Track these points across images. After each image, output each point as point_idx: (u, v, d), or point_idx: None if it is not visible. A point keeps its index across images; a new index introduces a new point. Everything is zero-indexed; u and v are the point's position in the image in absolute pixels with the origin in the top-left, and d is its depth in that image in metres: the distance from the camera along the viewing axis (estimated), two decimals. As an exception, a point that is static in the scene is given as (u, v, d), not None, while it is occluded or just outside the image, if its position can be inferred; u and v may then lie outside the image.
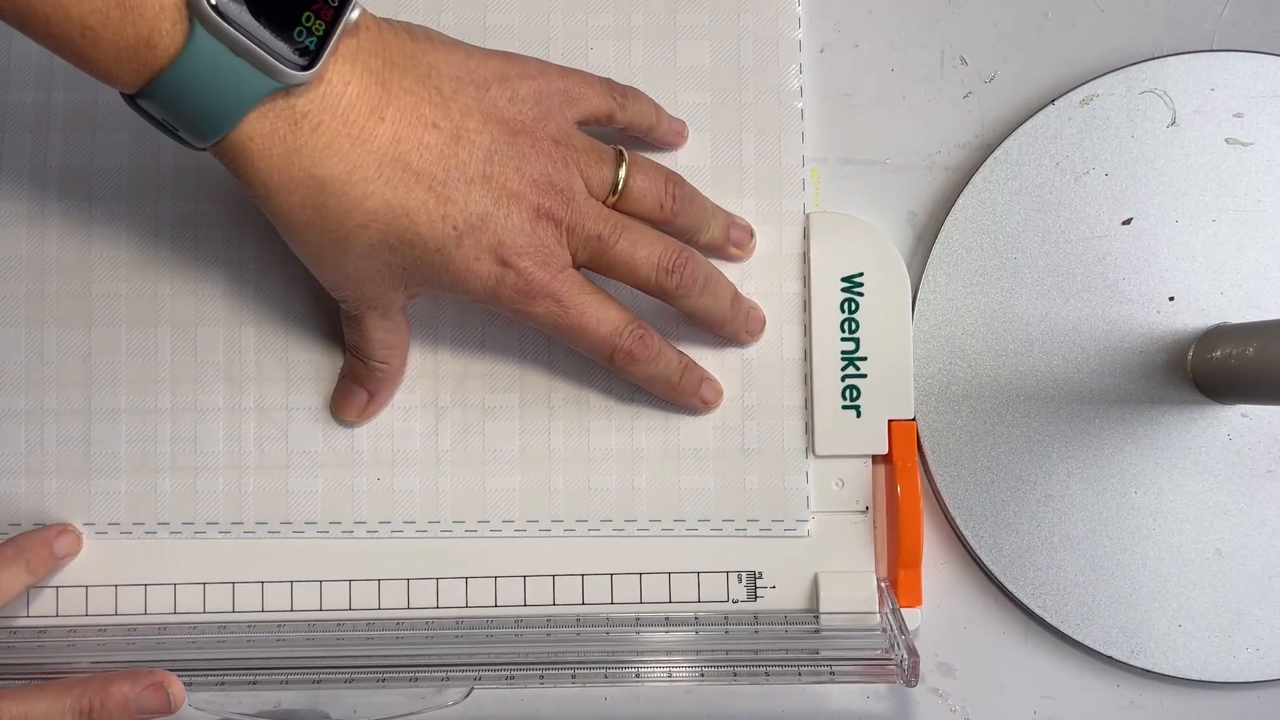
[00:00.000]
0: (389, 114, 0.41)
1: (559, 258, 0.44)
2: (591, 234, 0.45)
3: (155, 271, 0.51)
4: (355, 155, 0.41)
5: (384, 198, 0.41)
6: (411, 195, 0.42)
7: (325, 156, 0.40)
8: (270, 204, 0.41)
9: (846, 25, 0.53)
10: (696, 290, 0.47)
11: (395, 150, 0.41)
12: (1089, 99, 0.51)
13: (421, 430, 0.50)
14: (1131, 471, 0.51)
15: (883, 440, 0.50)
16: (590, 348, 0.47)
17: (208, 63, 0.38)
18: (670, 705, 0.51)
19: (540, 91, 0.45)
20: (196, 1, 0.38)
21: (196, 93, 0.39)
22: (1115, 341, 0.51)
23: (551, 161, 0.44)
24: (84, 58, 0.38)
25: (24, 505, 0.50)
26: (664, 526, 0.50)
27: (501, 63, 0.45)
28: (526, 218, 0.43)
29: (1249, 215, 0.51)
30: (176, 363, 0.50)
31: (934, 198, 0.52)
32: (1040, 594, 0.50)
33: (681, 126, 0.51)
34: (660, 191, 0.47)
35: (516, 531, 0.50)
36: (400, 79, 0.42)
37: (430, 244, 0.42)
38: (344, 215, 0.41)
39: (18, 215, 0.51)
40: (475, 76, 0.44)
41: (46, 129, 0.51)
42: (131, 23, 0.38)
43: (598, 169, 0.45)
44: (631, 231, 0.46)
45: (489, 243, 0.43)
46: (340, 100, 0.40)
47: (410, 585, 0.50)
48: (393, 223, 0.42)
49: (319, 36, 0.39)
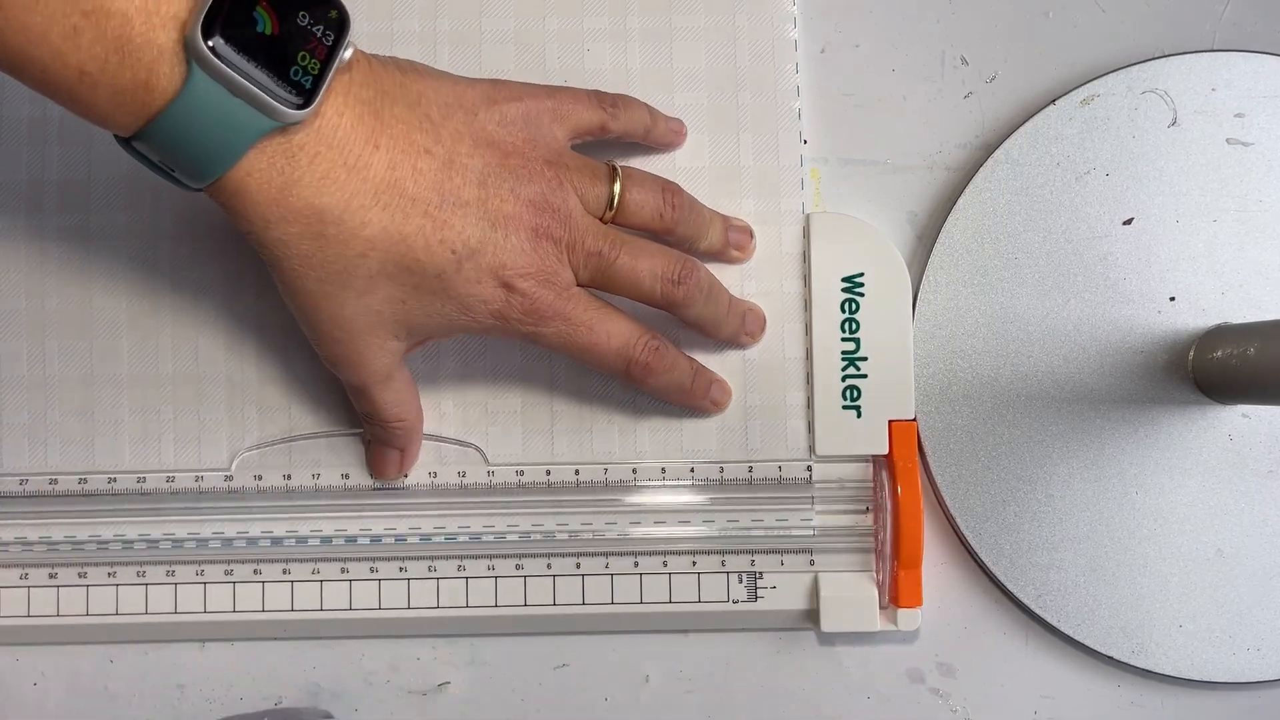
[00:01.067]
0: (383, 142, 0.41)
1: (562, 277, 0.44)
2: (592, 251, 0.45)
3: (155, 280, 0.51)
4: (352, 184, 0.41)
5: (382, 224, 0.41)
6: (409, 221, 0.42)
7: (323, 186, 0.40)
8: (269, 237, 0.41)
9: (846, 25, 0.53)
10: (700, 299, 0.47)
11: (391, 177, 0.41)
12: (1090, 99, 0.51)
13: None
14: (1132, 471, 0.51)
15: (883, 440, 0.50)
16: (604, 364, 0.46)
17: (205, 104, 0.38)
18: (670, 704, 0.51)
19: (528, 112, 0.45)
20: (194, 44, 0.37)
21: (194, 134, 0.38)
22: (1116, 341, 0.51)
23: (545, 182, 0.44)
24: (81, 103, 0.38)
25: (24, 506, 0.50)
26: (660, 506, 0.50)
27: (487, 87, 0.45)
28: (526, 239, 0.43)
29: (1250, 215, 0.51)
30: (178, 369, 0.50)
31: (934, 198, 0.52)
32: (1040, 594, 0.50)
33: (679, 126, 0.51)
34: (658, 202, 0.47)
35: (518, 534, 0.50)
36: (392, 107, 0.42)
37: (429, 269, 0.42)
38: (343, 245, 0.41)
39: (16, 230, 0.51)
40: (463, 102, 0.44)
41: (44, 141, 0.51)
42: (130, 67, 0.37)
43: (592, 186, 0.45)
44: (631, 246, 0.45)
45: (489, 265, 0.43)
46: (336, 132, 0.40)
47: (410, 585, 0.50)
48: (391, 249, 0.42)
49: (314, 75, 0.39)
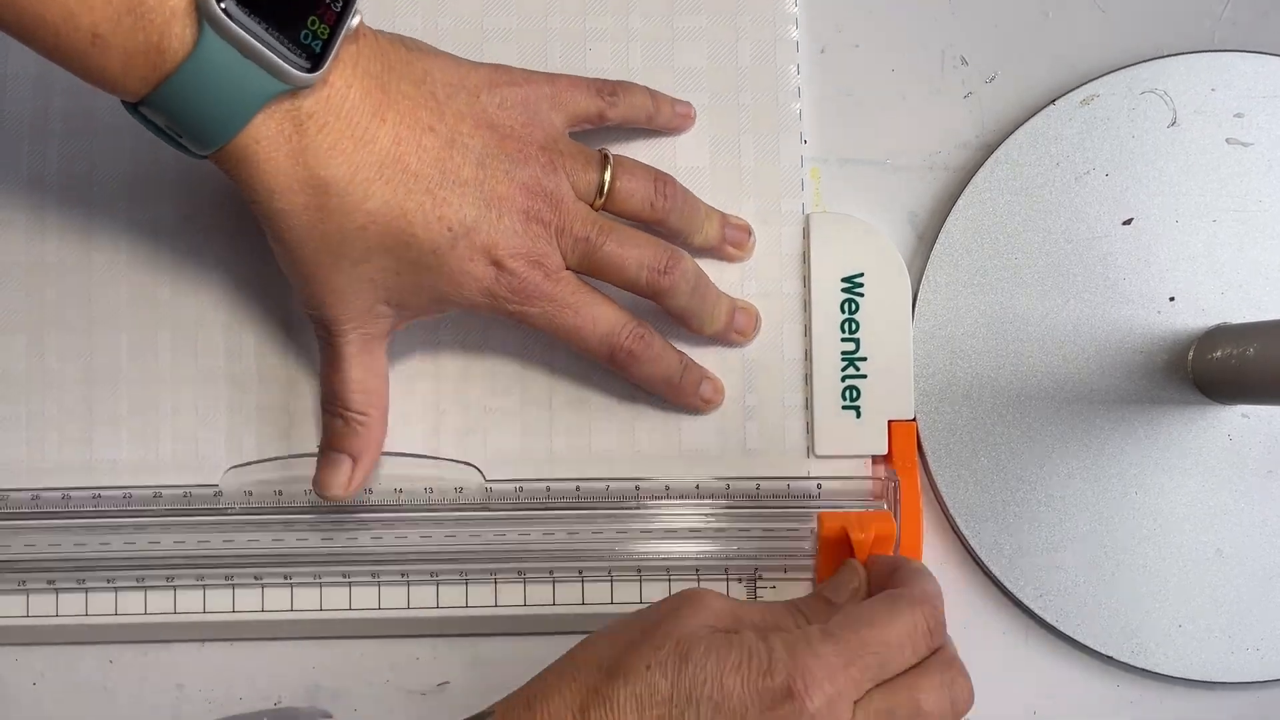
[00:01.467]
0: (389, 116, 0.42)
1: (551, 259, 0.45)
2: (579, 236, 0.45)
3: (155, 276, 0.51)
4: (358, 157, 0.41)
5: (384, 198, 0.42)
6: (410, 197, 0.42)
7: (330, 157, 0.41)
8: (272, 207, 0.41)
9: (846, 25, 0.53)
10: (685, 291, 0.47)
11: (395, 152, 0.42)
12: (1089, 99, 0.51)
13: (422, 431, 0.50)
14: (1132, 471, 0.51)
15: (883, 440, 0.50)
16: (589, 347, 0.47)
17: (216, 65, 0.38)
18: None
19: (527, 98, 0.45)
20: (206, 5, 0.37)
21: (204, 96, 0.39)
22: (1116, 341, 0.51)
23: (539, 166, 0.44)
24: (91, 67, 0.38)
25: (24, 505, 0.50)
26: (665, 526, 0.50)
27: (490, 71, 0.45)
28: (518, 220, 0.44)
29: (1249, 215, 0.51)
30: (177, 365, 0.50)
31: (934, 198, 0.52)
32: (1040, 594, 0.50)
33: (686, 109, 0.51)
34: (649, 191, 0.47)
35: (518, 534, 0.50)
36: (398, 83, 0.42)
37: (426, 246, 0.43)
38: (345, 217, 0.42)
39: (16, 222, 0.51)
40: (466, 83, 0.44)
41: (44, 136, 0.51)
42: (142, 29, 0.37)
43: (583, 173, 0.45)
44: (620, 233, 0.46)
45: (482, 244, 0.43)
46: (344, 103, 0.41)
47: (410, 586, 0.50)
48: (391, 224, 0.42)
49: (324, 40, 0.40)
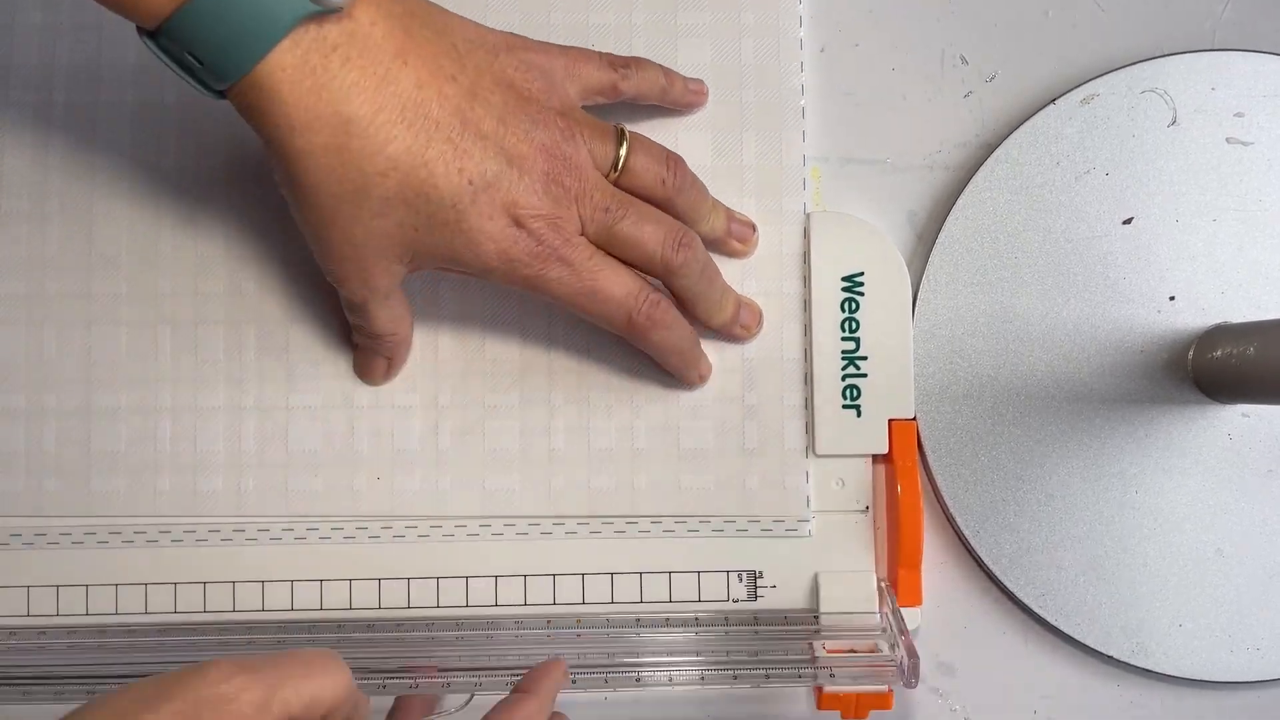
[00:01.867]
0: (412, 59, 0.41)
1: (570, 224, 0.44)
2: (600, 206, 0.45)
3: (155, 270, 0.51)
4: (380, 96, 0.41)
5: (406, 144, 0.41)
6: (431, 145, 0.41)
7: (353, 94, 0.40)
8: (293, 145, 0.40)
9: (847, 24, 0.53)
10: (696, 271, 0.47)
11: (418, 96, 0.41)
12: (1089, 98, 0.51)
13: (421, 430, 0.50)
14: (1132, 471, 0.51)
15: (883, 440, 0.50)
16: (606, 313, 0.46)
17: None
18: (670, 706, 0.51)
19: (545, 65, 0.45)
20: None
21: (230, 17, 0.38)
22: (1116, 341, 0.51)
23: (559, 131, 0.44)
24: None
25: (23, 505, 0.50)
26: (664, 527, 0.50)
27: (507, 35, 0.45)
28: (539, 180, 0.43)
29: (1250, 215, 0.51)
30: (176, 361, 0.50)
31: (934, 197, 0.52)
32: (1040, 594, 0.50)
33: (699, 85, 0.51)
34: (661, 169, 0.47)
35: (518, 535, 0.50)
36: (420, 29, 0.42)
37: (447, 198, 0.42)
38: (365, 160, 0.41)
39: (18, 214, 0.51)
40: (485, 42, 0.44)
41: (47, 127, 0.51)
42: None
43: (601, 144, 0.45)
44: (638, 207, 0.46)
45: (503, 201, 0.43)
46: (369, 39, 0.40)
47: (410, 585, 0.50)
48: (412, 173, 0.41)
49: None
